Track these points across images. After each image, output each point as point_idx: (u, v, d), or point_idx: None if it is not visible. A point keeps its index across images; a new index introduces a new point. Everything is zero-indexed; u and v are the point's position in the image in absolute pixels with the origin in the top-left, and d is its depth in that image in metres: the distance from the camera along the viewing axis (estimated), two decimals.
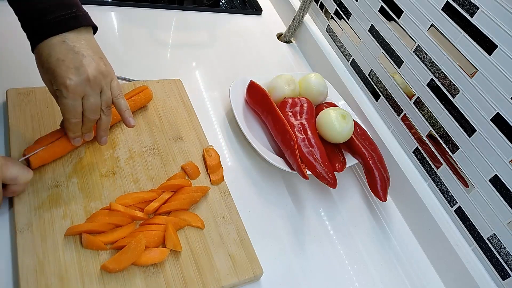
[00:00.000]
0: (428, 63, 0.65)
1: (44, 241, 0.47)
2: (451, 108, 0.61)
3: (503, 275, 0.56)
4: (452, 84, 0.61)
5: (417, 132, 0.68)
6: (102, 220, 0.50)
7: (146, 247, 0.49)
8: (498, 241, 0.56)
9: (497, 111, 0.55)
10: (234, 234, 0.55)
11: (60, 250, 0.47)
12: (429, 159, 0.66)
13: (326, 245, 0.60)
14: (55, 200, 0.51)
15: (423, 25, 0.65)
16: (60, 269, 0.46)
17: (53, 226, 0.49)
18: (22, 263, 0.45)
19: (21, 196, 0.50)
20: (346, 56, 0.85)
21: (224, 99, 0.76)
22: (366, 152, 0.66)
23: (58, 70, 0.45)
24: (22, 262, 0.45)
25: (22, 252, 0.46)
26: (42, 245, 0.47)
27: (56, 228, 0.49)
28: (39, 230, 0.48)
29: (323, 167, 0.61)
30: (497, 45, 0.54)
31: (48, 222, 0.49)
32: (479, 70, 0.56)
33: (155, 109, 0.67)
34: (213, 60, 0.84)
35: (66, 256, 0.47)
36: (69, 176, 0.54)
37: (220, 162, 0.62)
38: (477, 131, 0.58)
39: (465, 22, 0.58)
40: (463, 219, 0.61)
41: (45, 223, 0.49)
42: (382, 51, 0.74)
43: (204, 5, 1.04)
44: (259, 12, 1.04)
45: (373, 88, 0.78)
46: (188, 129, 0.66)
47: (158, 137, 0.63)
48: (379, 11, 0.75)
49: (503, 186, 0.55)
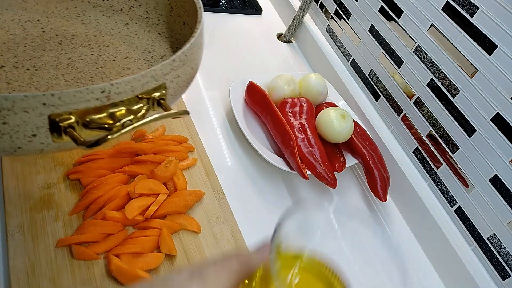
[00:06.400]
0: (428, 63, 0.65)
1: (35, 243, 0.47)
2: (451, 108, 0.61)
3: (503, 275, 0.56)
4: (452, 84, 0.61)
5: (417, 132, 0.68)
6: (93, 231, 0.48)
7: (140, 253, 0.48)
8: (498, 241, 0.56)
9: (497, 111, 0.54)
10: (228, 234, 0.55)
11: (52, 252, 0.46)
12: (429, 159, 0.66)
13: None
14: (47, 202, 0.51)
15: (423, 25, 0.65)
16: (52, 272, 0.45)
17: (45, 228, 0.48)
18: (13, 266, 0.44)
19: (12, 198, 0.49)
20: (346, 56, 0.85)
21: (224, 99, 0.76)
22: (366, 152, 0.66)
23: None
24: (13, 265, 0.44)
25: (14, 254, 0.45)
26: (33, 247, 0.46)
27: (48, 230, 0.48)
28: (31, 232, 0.47)
29: (323, 167, 0.61)
30: (497, 45, 0.54)
31: (40, 224, 0.48)
32: (479, 70, 0.56)
33: None
34: (213, 60, 0.84)
35: (58, 258, 0.46)
36: (61, 177, 0.54)
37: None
38: (477, 131, 0.58)
39: (465, 22, 0.58)
40: (463, 219, 0.61)
41: (37, 225, 0.48)
42: (382, 51, 0.74)
43: (204, 5, 1.04)
44: (259, 12, 1.04)
45: (373, 88, 0.78)
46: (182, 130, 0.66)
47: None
48: (379, 11, 0.75)
49: (503, 186, 0.55)
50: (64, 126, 0.34)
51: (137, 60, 0.53)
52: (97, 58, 0.51)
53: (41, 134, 0.34)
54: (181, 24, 0.54)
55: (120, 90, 0.36)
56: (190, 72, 0.45)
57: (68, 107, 0.34)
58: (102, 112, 0.36)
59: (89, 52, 0.52)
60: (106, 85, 0.35)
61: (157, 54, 0.55)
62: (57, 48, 0.51)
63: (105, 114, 0.36)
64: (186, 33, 0.45)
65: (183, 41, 0.44)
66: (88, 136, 0.35)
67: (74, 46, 0.52)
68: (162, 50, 0.56)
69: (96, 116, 0.36)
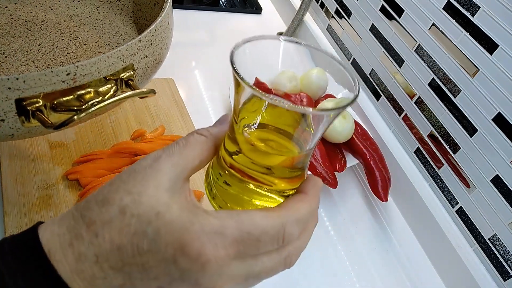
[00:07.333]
0: (429, 62, 0.64)
1: None
2: (452, 108, 0.61)
3: (505, 276, 0.55)
4: (454, 84, 0.60)
5: (418, 132, 0.68)
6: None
7: None
8: (500, 241, 0.55)
9: (499, 111, 0.54)
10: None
11: None
12: (430, 159, 0.66)
13: (326, 246, 0.60)
14: (45, 202, 0.50)
15: (424, 24, 0.65)
16: None
17: None
18: None
19: (11, 198, 0.49)
20: (346, 56, 0.85)
21: (224, 99, 0.76)
22: (367, 152, 0.66)
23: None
24: None
25: None
26: None
27: None
28: None
29: (323, 167, 0.61)
30: (498, 44, 0.54)
31: None
32: (481, 69, 0.56)
33: (146, 108, 0.66)
34: (213, 60, 0.84)
35: None
36: (59, 177, 0.53)
37: None
38: (479, 131, 0.57)
39: (466, 21, 0.58)
40: (464, 220, 0.61)
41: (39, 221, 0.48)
42: (383, 50, 0.74)
43: (204, 4, 1.03)
44: (259, 11, 1.03)
45: (374, 88, 0.78)
46: (181, 130, 0.65)
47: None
48: (380, 10, 0.74)
49: (505, 186, 0.54)
50: (32, 109, 0.34)
51: (108, 44, 0.53)
52: (68, 43, 0.51)
53: (9, 119, 0.34)
54: (152, 5, 0.54)
55: (86, 72, 0.36)
56: (158, 52, 0.45)
57: (34, 90, 0.33)
58: (69, 94, 0.36)
59: (59, 38, 0.52)
60: (71, 67, 0.34)
61: (129, 37, 0.55)
62: (27, 34, 0.51)
63: (73, 96, 0.36)
64: (157, 15, 0.45)
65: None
66: (58, 120, 0.35)
67: (44, 32, 0.52)
68: (134, 32, 0.56)
69: (64, 98, 0.36)
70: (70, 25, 0.53)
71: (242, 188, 0.28)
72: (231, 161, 0.28)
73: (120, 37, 0.54)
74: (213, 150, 0.29)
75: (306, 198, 0.28)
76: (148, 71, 0.44)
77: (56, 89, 0.35)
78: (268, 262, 0.26)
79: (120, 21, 0.55)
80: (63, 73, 0.34)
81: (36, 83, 0.33)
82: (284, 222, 0.25)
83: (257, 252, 0.25)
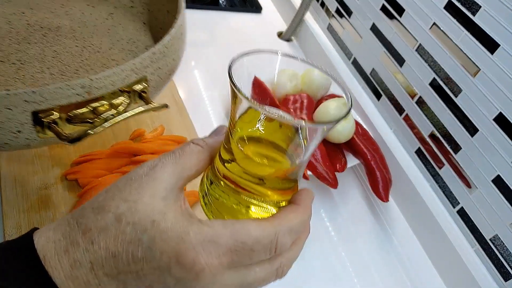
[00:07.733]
0: (430, 62, 0.64)
1: None
2: (453, 108, 0.61)
3: (506, 277, 0.55)
4: (455, 84, 0.60)
5: (419, 132, 0.67)
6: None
7: None
8: (501, 242, 0.55)
9: (500, 110, 0.54)
10: None
11: None
12: (431, 159, 0.66)
13: (327, 246, 0.60)
14: (44, 203, 0.50)
15: (425, 24, 0.64)
16: None
17: None
18: None
19: (9, 198, 0.49)
20: (347, 55, 0.85)
21: (224, 99, 0.76)
22: (367, 152, 0.66)
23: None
24: None
25: None
26: None
27: None
28: None
29: (324, 167, 0.61)
30: (499, 44, 0.53)
31: (37, 225, 0.47)
32: (482, 69, 0.56)
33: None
34: (213, 59, 0.84)
35: None
36: (58, 178, 0.53)
37: None
38: (480, 130, 0.57)
39: (467, 20, 0.57)
40: (465, 220, 0.61)
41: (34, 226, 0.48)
42: (384, 50, 0.74)
43: (203, 3, 1.03)
44: (259, 10, 1.03)
45: (375, 88, 0.77)
46: (180, 130, 0.65)
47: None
48: (380, 10, 0.74)
49: (506, 187, 0.54)
50: (47, 121, 0.35)
51: (121, 51, 0.53)
52: (82, 50, 0.51)
53: (26, 130, 0.35)
54: (165, 13, 0.54)
55: (100, 85, 0.36)
56: (171, 63, 0.45)
57: (50, 103, 0.34)
58: (84, 106, 0.37)
59: (73, 44, 0.52)
60: (86, 81, 0.35)
61: (142, 44, 0.55)
62: (42, 41, 0.51)
63: (87, 109, 0.37)
64: (170, 22, 0.45)
65: (168, 30, 0.44)
66: (72, 131, 0.36)
67: (59, 38, 0.52)
68: (147, 40, 0.56)
69: (79, 111, 0.36)
70: (84, 31, 0.54)
71: (235, 198, 0.29)
72: (225, 171, 0.28)
73: (134, 44, 0.54)
74: (208, 160, 0.29)
75: (299, 209, 0.28)
76: (160, 83, 0.44)
77: (71, 102, 0.35)
78: (260, 272, 0.26)
79: (134, 28, 0.56)
80: (78, 86, 0.35)
81: (52, 96, 0.34)
82: (277, 232, 0.25)
83: (250, 261, 0.25)
